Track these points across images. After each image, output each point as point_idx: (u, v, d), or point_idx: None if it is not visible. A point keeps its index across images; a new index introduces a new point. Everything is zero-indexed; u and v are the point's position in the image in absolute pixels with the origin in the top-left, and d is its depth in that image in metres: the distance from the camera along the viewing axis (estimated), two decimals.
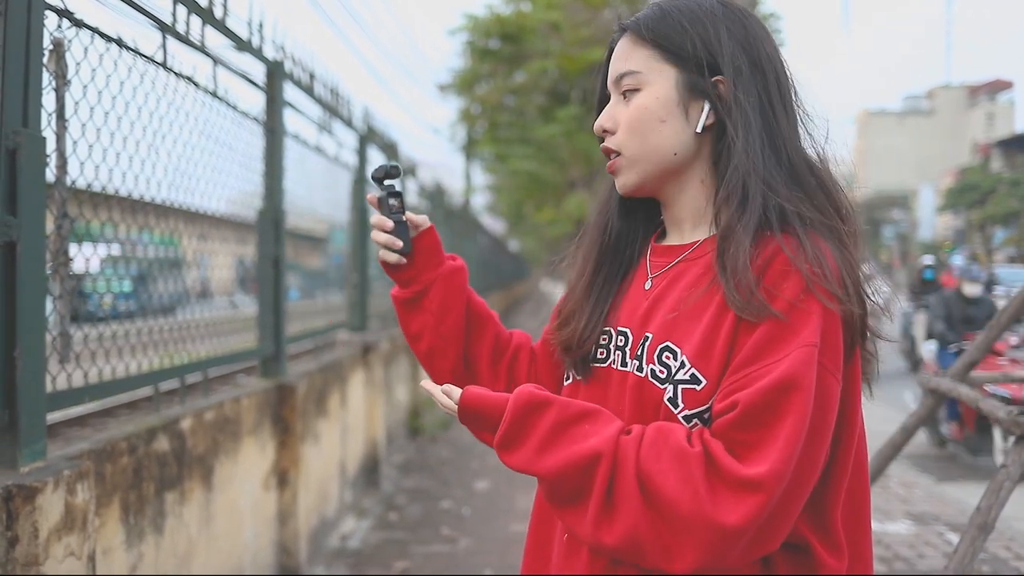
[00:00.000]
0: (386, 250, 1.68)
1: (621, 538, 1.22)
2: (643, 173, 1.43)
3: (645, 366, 1.35)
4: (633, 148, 1.42)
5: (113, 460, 2.86)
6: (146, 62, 3.26)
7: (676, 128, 1.40)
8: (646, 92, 1.40)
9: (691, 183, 1.43)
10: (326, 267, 8.41)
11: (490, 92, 24.14)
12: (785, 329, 1.22)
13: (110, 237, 3.35)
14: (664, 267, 1.46)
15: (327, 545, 5.37)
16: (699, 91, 1.39)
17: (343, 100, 6.40)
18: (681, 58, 1.39)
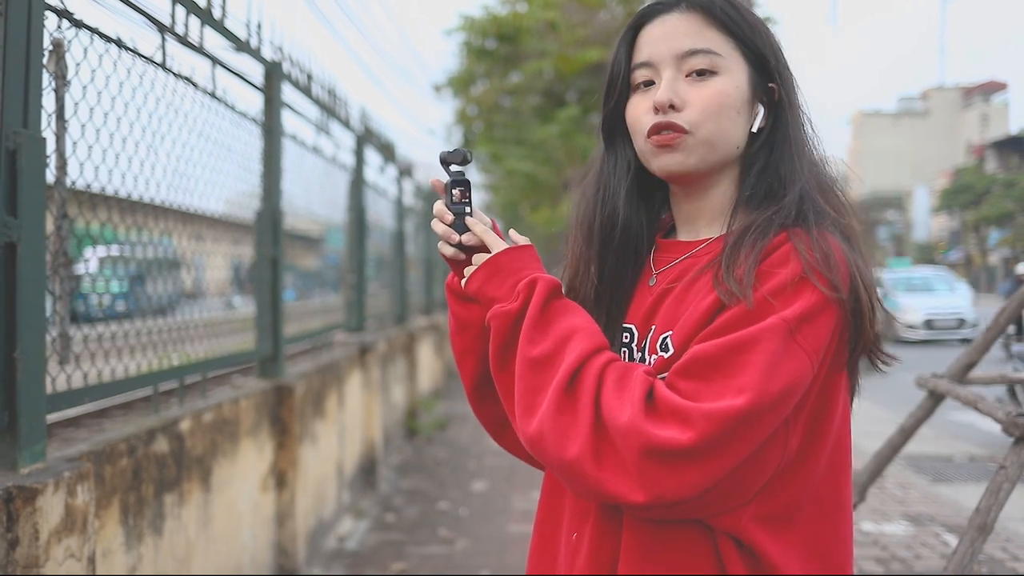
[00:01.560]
0: (443, 242, 1.57)
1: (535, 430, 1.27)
2: (705, 158, 1.38)
3: (648, 356, 1.37)
4: (707, 131, 1.36)
5: (112, 461, 2.86)
6: (145, 63, 3.26)
7: (744, 123, 1.39)
8: (727, 78, 1.37)
9: (726, 179, 1.42)
10: (323, 268, 8.40)
11: (486, 93, 24.13)
12: (762, 307, 1.22)
13: (110, 238, 3.35)
14: (669, 263, 1.45)
15: (325, 546, 5.37)
16: (761, 92, 1.40)
17: (340, 101, 6.40)
18: (755, 55, 1.39)
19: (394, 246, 9.49)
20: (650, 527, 1.29)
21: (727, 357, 1.19)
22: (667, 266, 1.45)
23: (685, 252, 1.43)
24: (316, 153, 6.00)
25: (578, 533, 1.41)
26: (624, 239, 1.50)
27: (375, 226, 8.35)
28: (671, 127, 1.37)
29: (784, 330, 1.19)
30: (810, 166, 1.38)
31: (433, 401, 10.77)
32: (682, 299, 1.36)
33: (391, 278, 9.44)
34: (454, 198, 1.52)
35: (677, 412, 1.16)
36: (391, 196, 9.37)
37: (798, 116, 1.40)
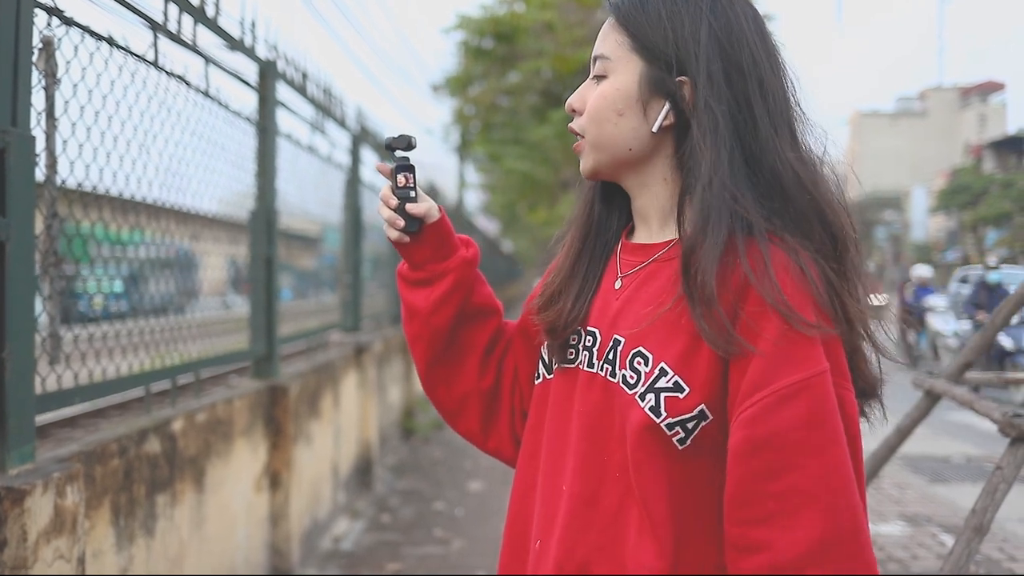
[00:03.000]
0: (389, 227, 1.59)
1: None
2: (598, 162, 1.39)
3: (618, 371, 1.31)
4: (591, 135, 1.38)
5: (103, 462, 2.84)
6: (137, 61, 3.24)
7: (632, 123, 1.34)
8: (610, 80, 1.35)
9: (653, 180, 1.37)
10: (319, 267, 8.39)
11: (484, 93, 24.12)
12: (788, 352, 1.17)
13: (105, 238, 3.33)
14: (634, 267, 1.40)
15: (319, 547, 5.35)
16: (661, 89, 1.32)
17: (336, 100, 6.38)
18: (650, 51, 1.32)
19: (390, 246, 9.44)
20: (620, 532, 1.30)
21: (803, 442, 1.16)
22: (632, 270, 1.41)
23: (649, 255, 1.39)
24: (311, 152, 5.98)
25: (542, 540, 1.40)
26: (597, 237, 1.49)
27: (371, 226, 8.32)
28: (573, 132, 1.42)
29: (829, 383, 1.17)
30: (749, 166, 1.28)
31: (429, 401, 10.74)
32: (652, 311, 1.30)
33: (387, 278, 9.42)
34: (399, 183, 1.55)
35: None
36: None
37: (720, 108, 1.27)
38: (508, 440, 1.66)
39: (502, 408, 1.65)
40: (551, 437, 1.44)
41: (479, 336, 1.65)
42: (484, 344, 1.66)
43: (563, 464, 1.39)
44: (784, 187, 1.27)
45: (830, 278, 1.22)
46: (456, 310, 1.61)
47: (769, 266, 1.19)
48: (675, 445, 1.24)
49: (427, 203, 1.57)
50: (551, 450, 1.43)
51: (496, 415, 1.66)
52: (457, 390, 1.65)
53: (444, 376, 1.65)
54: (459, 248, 1.62)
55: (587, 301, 1.44)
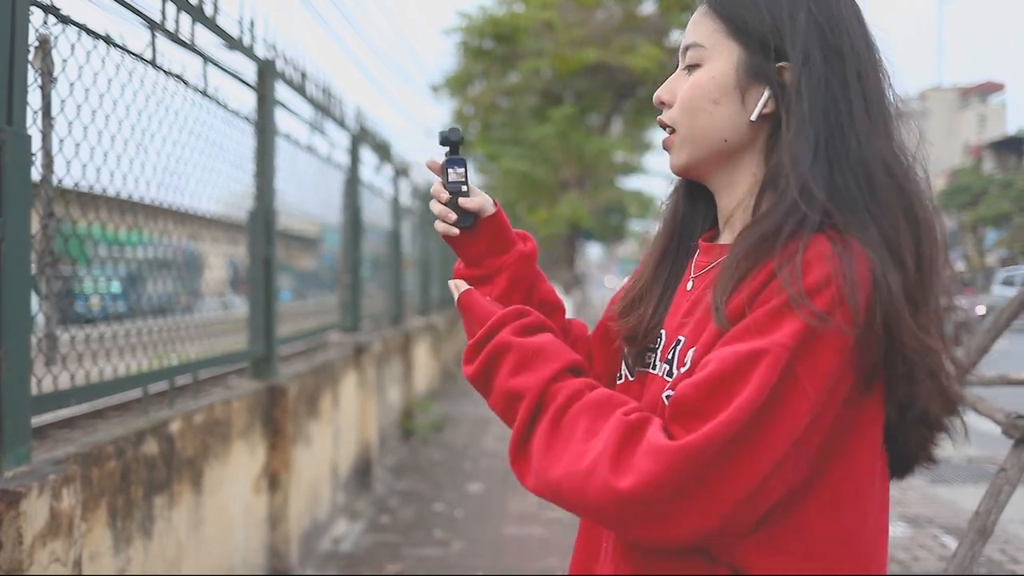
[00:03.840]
0: (440, 222, 1.54)
1: (534, 485, 1.22)
2: (691, 156, 1.33)
3: (675, 370, 1.27)
4: (684, 127, 1.32)
5: (100, 464, 2.82)
6: (135, 60, 3.22)
7: (729, 112, 1.28)
8: (705, 69, 1.30)
9: (742, 175, 1.32)
10: (318, 268, 8.37)
11: (483, 93, 24.14)
12: (758, 325, 1.11)
13: (98, 236, 3.31)
14: (705, 267, 1.36)
15: (319, 548, 5.33)
16: (761, 76, 1.26)
17: (335, 99, 6.36)
18: (747, 36, 1.27)
19: (390, 246, 9.45)
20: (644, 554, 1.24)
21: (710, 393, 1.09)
22: (703, 270, 1.36)
23: (720, 256, 1.32)
24: (311, 152, 5.96)
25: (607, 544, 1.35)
26: (680, 240, 1.45)
27: (371, 226, 8.31)
28: (662, 125, 1.36)
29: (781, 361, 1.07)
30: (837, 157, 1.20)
31: (429, 402, 10.73)
32: (709, 310, 1.23)
33: (387, 278, 9.41)
34: (451, 177, 1.51)
35: (653, 451, 1.09)
36: (387, 196, 9.33)
37: (815, 95, 1.22)
38: None
39: None
40: None
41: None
42: None
43: None
44: (871, 178, 1.20)
45: (889, 285, 1.12)
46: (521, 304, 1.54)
47: (799, 253, 1.12)
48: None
49: (480, 197, 1.53)
50: None
51: None
52: None
53: None
54: (517, 242, 1.57)
55: (667, 307, 1.40)
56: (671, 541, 1.12)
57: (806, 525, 1.15)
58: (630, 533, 1.16)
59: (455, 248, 1.56)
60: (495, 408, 1.32)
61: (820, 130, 1.21)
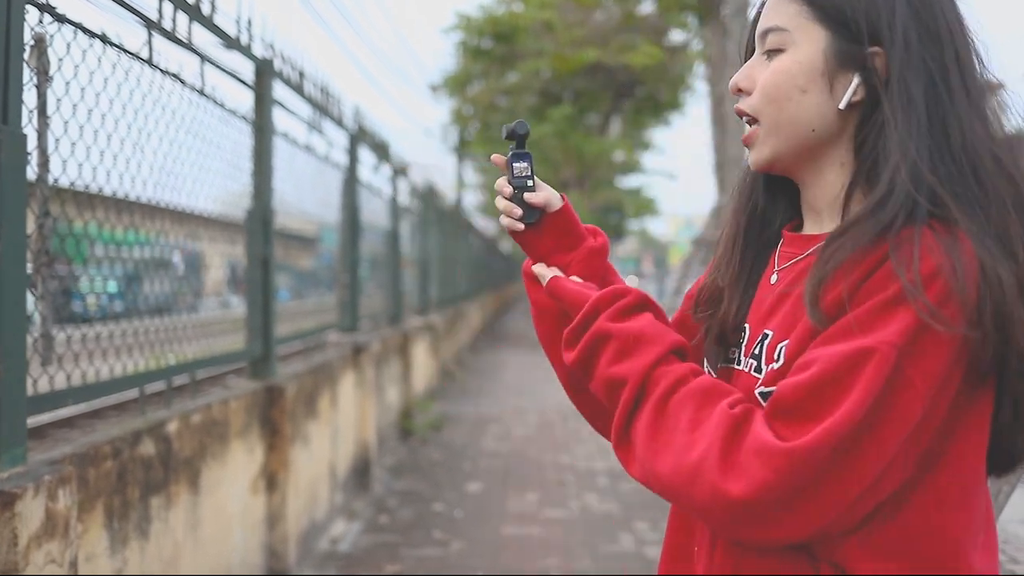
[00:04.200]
0: (506, 218, 1.48)
1: (639, 473, 1.19)
2: (776, 148, 1.26)
3: (764, 366, 1.22)
4: (768, 118, 1.25)
5: (96, 464, 2.81)
6: (131, 59, 3.21)
7: (817, 100, 1.21)
8: (789, 54, 1.23)
9: (829, 166, 1.25)
10: (317, 267, 8.36)
11: (482, 92, 24.14)
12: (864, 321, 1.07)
13: (94, 236, 3.30)
14: (792, 259, 1.29)
15: (317, 548, 5.32)
16: (851, 61, 1.19)
17: (333, 99, 6.35)
18: (836, 19, 1.20)
19: (389, 246, 9.44)
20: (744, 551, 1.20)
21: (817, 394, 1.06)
22: (789, 263, 1.30)
23: (808, 248, 1.27)
24: (309, 152, 5.95)
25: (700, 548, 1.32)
26: (760, 232, 1.38)
27: (369, 226, 8.30)
28: (740, 114, 1.30)
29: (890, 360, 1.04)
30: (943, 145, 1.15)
31: (428, 402, 10.72)
32: (801, 303, 1.18)
33: (385, 278, 9.40)
34: (515, 172, 1.47)
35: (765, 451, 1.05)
36: (386, 196, 9.32)
37: (916, 81, 1.16)
38: None
39: None
40: None
41: None
42: None
43: None
44: (977, 168, 1.14)
45: (1000, 278, 1.06)
46: None
47: (916, 245, 1.08)
48: None
49: (546, 191, 1.48)
50: None
51: None
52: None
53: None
54: (586, 238, 1.51)
55: (750, 300, 1.34)
56: (777, 541, 1.12)
57: (911, 525, 1.12)
58: (736, 534, 1.14)
59: (522, 245, 1.52)
60: (597, 393, 1.28)
61: (923, 118, 1.16)
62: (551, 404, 11.15)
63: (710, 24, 11.29)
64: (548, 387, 13.07)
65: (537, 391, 12.25)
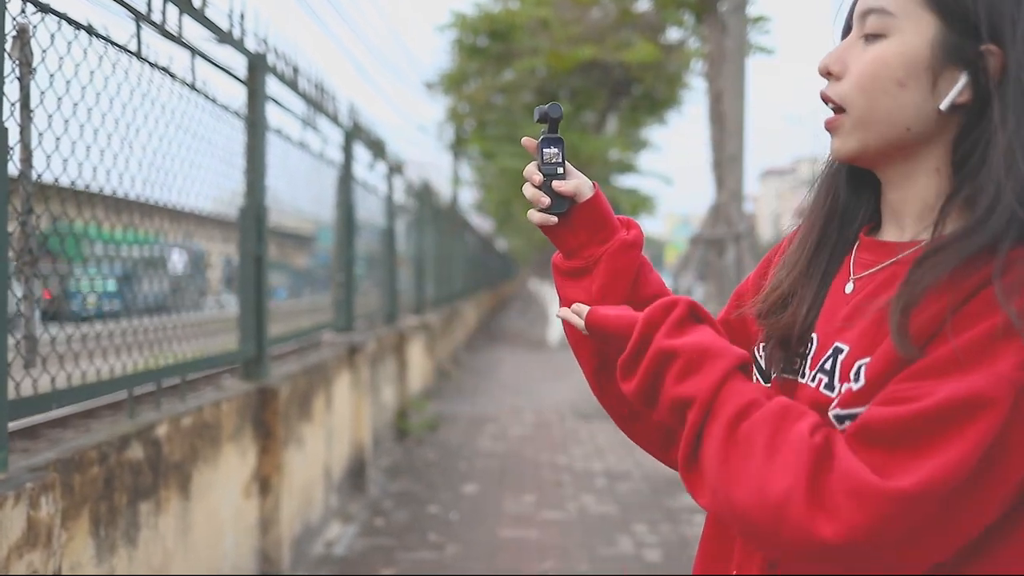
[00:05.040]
0: (532, 209, 1.38)
1: (711, 502, 1.09)
2: (864, 142, 1.14)
3: (837, 384, 1.11)
4: (858, 109, 1.12)
5: (82, 470, 2.72)
6: (119, 51, 3.12)
7: (916, 98, 1.09)
8: (891, 42, 1.10)
9: (922, 169, 1.13)
10: (314, 266, 8.28)
11: (478, 90, 24.06)
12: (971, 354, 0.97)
13: (80, 233, 3.21)
14: (871, 267, 1.17)
15: (311, 552, 5.23)
16: (960, 58, 1.07)
17: (328, 95, 6.26)
18: (951, 8, 1.07)
19: (384, 244, 9.36)
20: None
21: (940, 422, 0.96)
22: (867, 271, 1.18)
23: (890, 256, 1.15)
24: (303, 148, 5.86)
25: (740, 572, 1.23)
26: (840, 231, 1.25)
27: (365, 224, 8.21)
28: (826, 100, 1.17)
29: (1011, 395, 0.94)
30: None
31: (424, 401, 10.64)
32: (884, 319, 1.07)
33: (381, 277, 9.31)
34: (545, 158, 1.37)
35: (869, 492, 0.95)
36: (381, 194, 9.24)
37: None
38: None
39: None
40: None
41: None
42: None
43: None
44: None
45: None
46: (623, 302, 1.36)
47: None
48: None
49: (577, 179, 1.37)
50: None
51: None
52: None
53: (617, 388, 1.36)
54: (619, 230, 1.39)
55: (820, 306, 1.22)
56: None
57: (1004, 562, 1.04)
58: (822, 571, 1.04)
59: (551, 237, 1.41)
60: (665, 420, 1.18)
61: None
62: (548, 403, 11.08)
63: (707, 21, 11.21)
64: (544, 386, 13.01)
65: (534, 390, 12.17)
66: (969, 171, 1.07)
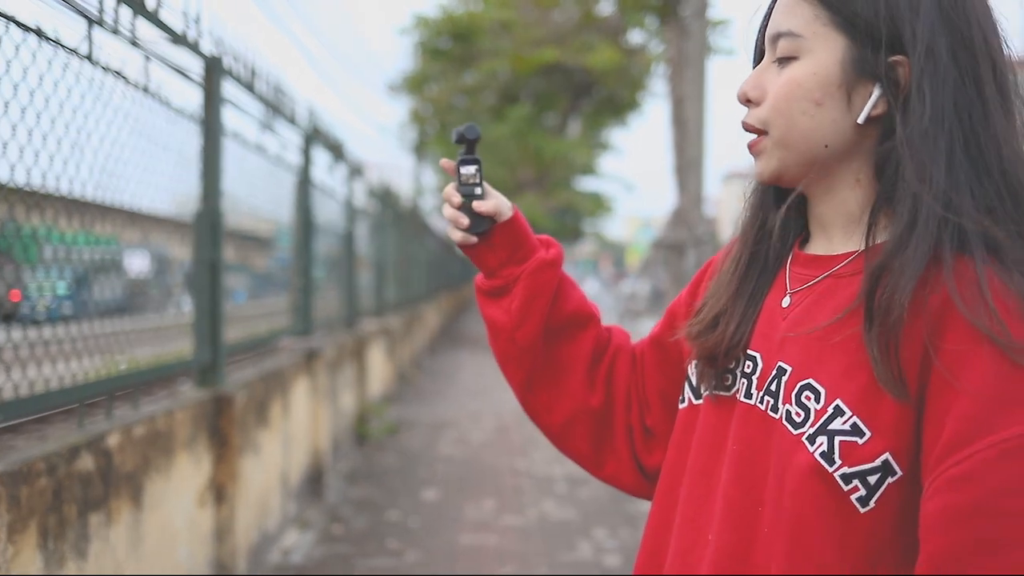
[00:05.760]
0: (453, 228, 1.41)
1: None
2: (785, 163, 1.15)
3: (781, 405, 1.12)
4: (777, 130, 1.14)
5: (30, 482, 2.65)
6: (69, 54, 3.05)
7: (833, 115, 1.11)
8: (804, 63, 1.12)
9: (843, 182, 1.15)
10: (273, 268, 8.20)
11: (440, 92, 24.04)
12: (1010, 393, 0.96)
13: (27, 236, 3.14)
14: (807, 282, 1.18)
15: (268, 560, 5.17)
16: (871, 71, 1.09)
17: (287, 98, 6.19)
18: (855, 25, 1.09)
19: (344, 248, 9.29)
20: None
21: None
22: (804, 285, 1.19)
23: (825, 269, 1.17)
24: (260, 152, 5.79)
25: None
26: (769, 249, 1.26)
27: (324, 227, 8.14)
28: (747, 128, 1.19)
29: None
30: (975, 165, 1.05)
31: (384, 406, 10.58)
32: (827, 336, 1.10)
33: (341, 280, 9.24)
34: (463, 178, 1.39)
35: None
36: (341, 196, 9.17)
37: (943, 93, 1.06)
38: (628, 464, 1.45)
39: (616, 428, 1.44)
40: (696, 473, 1.24)
41: (579, 348, 1.45)
42: (587, 357, 1.45)
43: (710, 509, 1.19)
44: (1018, 190, 1.05)
45: None
46: (543, 320, 1.41)
47: (985, 288, 0.99)
48: (854, 505, 1.03)
49: (495, 199, 1.40)
50: (695, 489, 1.23)
51: (610, 436, 1.45)
52: (561, 413, 1.45)
53: (545, 401, 1.45)
54: (538, 249, 1.43)
55: (752, 323, 1.22)
56: None
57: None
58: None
59: (472, 257, 1.44)
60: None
61: (954, 134, 1.06)
62: (508, 408, 11.05)
63: (670, 25, 11.26)
64: (505, 390, 12.90)
65: (494, 395, 12.14)
66: (888, 179, 1.09)
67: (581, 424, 1.45)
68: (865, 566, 1.04)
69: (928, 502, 0.99)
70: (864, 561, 1.04)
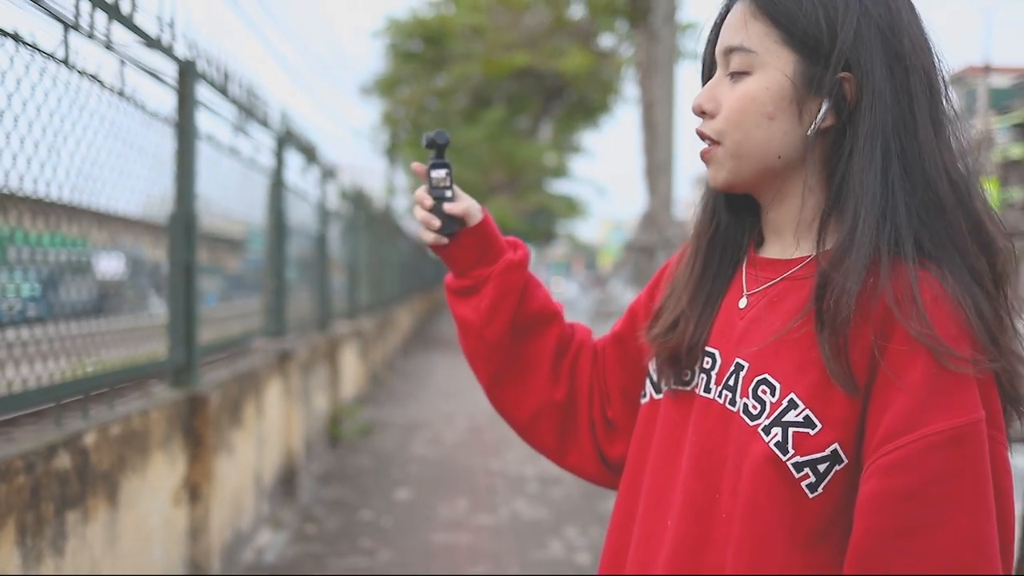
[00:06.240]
0: (425, 230, 1.47)
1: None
2: (737, 171, 1.22)
3: (738, 399, 1.19)
4: (732, 142, 1.21)
5: (8, 480, 2.69)
6: (46, 59, 3.09)
7: (785, 127, 1.18)
8: (757, 78, 1.18)
9: (794, 190, 1.22)
10: (245, 270, 8.21)
11: (412, 95, 24.04)
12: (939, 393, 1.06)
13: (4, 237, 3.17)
14: (763, 284, 1.26)
15: (241, 560, 5.21)
16: (820, 87, 1.16)
17: (260, 101, 6.23)
18: (804, 43, 1.16)
19: (317, 250, 9.31)
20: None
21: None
22: (760, 287, 1.26)
23: (780, 272, 1.24)
24: (234, 154, 5.82)
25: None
26: (723, 251, 1.34)
27: (297, 229, 8.17)
28: (702, 136, 1.25)
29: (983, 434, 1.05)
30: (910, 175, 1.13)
31: (357, 408, 10.61)
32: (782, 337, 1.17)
33: (314, 282, 9.27)
34: (434, 181, 1.45)
35: None
36: (314, 199, 9.20)
37: (882, 107, 1.13)
38: (591, 455, 1.53)
39: (579, 420, 1.52)
40: (657, 465, 1.31)
41: (543, 345, 1.53)
42: (551, 353, 1.53)
43: (669, 499, 1.26)
44: (940, 197, 1.13)
45: (982, 307, 1.09)
46: (510, 318, 1.48)
47: (917, 295, 1.07)
48: (804, 492, 1.12)
49: (466, 202, 1.47)
50: (656, 480, 1.30)
51: (574, 429, 1.53)
52: (527, 407, 1.53)
53: (512, 395, 1.54)
54: (506, 250, 1.51)
55: (710, 322, 1.30)
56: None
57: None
58: None
59: (443, 257, 1.51)
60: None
61: (890, 147, 1.14)
62: (481, 409, 11.10)
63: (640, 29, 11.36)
64: (478, 391, 12.92)
65: (467, 396, 12.19)
66: (836, 187, 1.17)
67: (546, 417, 1.53)
68: (811, 545, 1.12)
69: (864, 484, 1.08)
70: (811, 541, 1.12)
